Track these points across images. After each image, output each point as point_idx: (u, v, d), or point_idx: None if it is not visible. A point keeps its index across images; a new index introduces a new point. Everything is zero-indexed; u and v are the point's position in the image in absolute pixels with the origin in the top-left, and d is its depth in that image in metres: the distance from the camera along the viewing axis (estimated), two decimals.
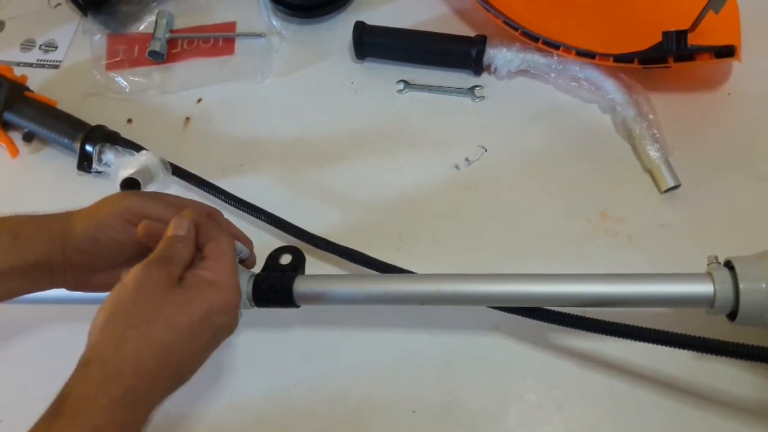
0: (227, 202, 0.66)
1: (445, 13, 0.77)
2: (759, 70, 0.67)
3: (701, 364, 0.55)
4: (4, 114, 0.73)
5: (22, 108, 0.73)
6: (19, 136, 0.75)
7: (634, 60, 0.64)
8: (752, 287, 0.46)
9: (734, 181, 0.63)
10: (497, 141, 0.69)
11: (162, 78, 0.79)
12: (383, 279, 0.56)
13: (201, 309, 0.43)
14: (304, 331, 0.61)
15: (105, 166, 0.69)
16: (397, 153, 0.70)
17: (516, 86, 0.72)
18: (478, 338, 0.59)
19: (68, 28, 0.85)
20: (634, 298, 0.50)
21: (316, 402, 0.58)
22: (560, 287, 0.50)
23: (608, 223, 0.62)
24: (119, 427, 0.39)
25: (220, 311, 0.45)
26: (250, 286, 0.54)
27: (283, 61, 0.78)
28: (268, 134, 0.73)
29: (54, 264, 0.49)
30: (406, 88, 0.73)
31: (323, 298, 0.54)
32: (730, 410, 0.53)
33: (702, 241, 0.59)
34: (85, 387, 0.39)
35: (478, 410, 0.56)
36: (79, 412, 0.38)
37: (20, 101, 0.73)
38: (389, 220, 0.66)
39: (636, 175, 0.65)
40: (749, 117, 0.66)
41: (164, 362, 0.41)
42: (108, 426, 0.38)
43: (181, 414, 0.59)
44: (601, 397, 0.55)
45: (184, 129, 0.75)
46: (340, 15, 0.80)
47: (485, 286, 0.52)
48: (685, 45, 0.60)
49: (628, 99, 0.66)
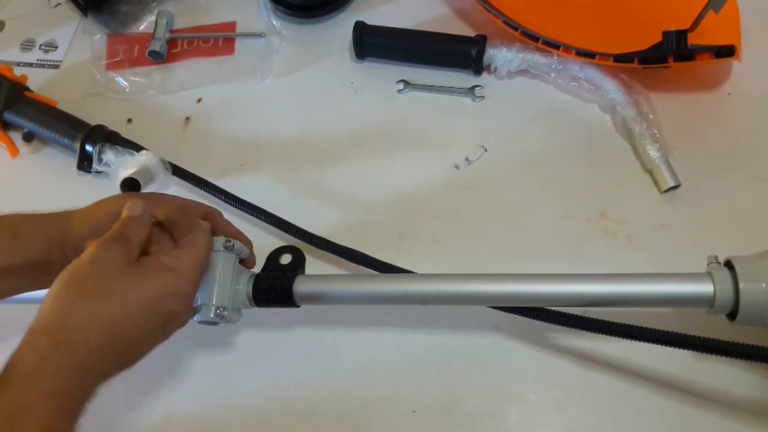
0: (227, 202, 0.66)
1: (445, 13, 0.77)
2: (759, 70, 0.67)
3: (701, 364, 0.55)
4: (4, 114, 0.73)
5: (22, 108, 0.73)
6: (19, 136, 0.75)
7: (634, 60, 0.64)
8: (752, 287, 0.46)
9: (734, 181, 0.63)
10: (497, 141, 0.69)
11: (162, 78, 0.79)
12: (383, 279, 0.56)
13: (153, 290, 0.43)
14: (304, 331, 0.61)
15: (105, 166, 0.69)
16: (397, 153, 0.70)
17: (516, 86, 0.72)
18: (478, 338, 0.59)
19: (68, 28, 0.85)
20: (634, 298, 0.50)
21: (316, 402, 0.58)
22: (560, 287, 0.50)
23: (608, 223, 0.62)
24: (67, 395, 0.39)
25: (173, 297, 0.44)
26: (250, 285, 0.54)
27: (283, 61, 0.78)
28: (268, 134, 0.73)
29: (53, 263, 0.49)
30: (406, 88, 0.74)
31: (323, 298, 0.54)
32: (730, 410, 0.53)
33: (702, 241, 0.59)
34: (33, 356, 0.39)
35: (478, 410, 0.56)
36: (27, 381, 0.38)
37: (20, 101, 0.73)
38: (389, 220, 0.66)
39: (636, 175, 0.65)
40: (749, 117, 0.66)
41: (112, 336, 0.41)
42: (56, 394, 0.39)
43: (182, 414, 0.59)
44: (601, 397, 0.55)
45: (184, 129, 0.75)
46: (340, 15, 0.80)
47: (485, 286, 0.52)
48: (685, 45, 0.60)
49: (628, 99, 0.66)
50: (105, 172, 0.69)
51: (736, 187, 0.62)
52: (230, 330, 0.62)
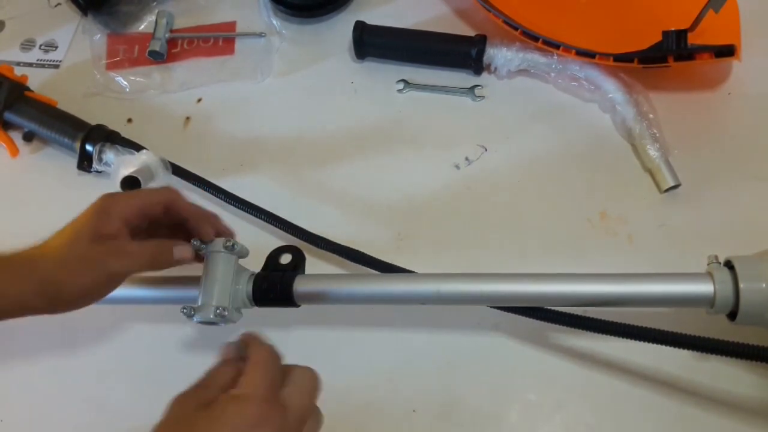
0: (227, 201, 0.66)
1: (445, 13, 0.77)
2: (759, 69, 0.67)
3: (701, 364, 0.55)
4: (4, 113, 0.73)
5: (23, 108, 0.73)
6: (19, 136, 0.74)
7: (634, 59, 0.63)
8: (752, 287, 0.46)
9: (734, 181, 0.63)
10: (497, 141, 0.69)
11: (162, 78, 0.79)
12: (383, 279, 0.56)
13: (224, 428, 0.38)
14: (304, 331, 0.61)
15: (105, 165, 0.69)
16: (397, 153, 0.70)
17: (516, 86, 0.71)
18: (478, 338, 0.59)
19: (68, 28, 0.85)
20: (634, 298, 0.50)
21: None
22: (560, 287, 0.50)
23: (608, 223, 0.62)
24: None
25: (250, 427, 0.38)
26: (250, 285, 0.54)
27: (283, 61, 0.78)
28: (268, 134, 0.73)
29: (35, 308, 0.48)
30: (406, 87, 0.73)
31: (323, 298, 0.54)
32: (730, 410, 0.53)
33: (702, 241, 0.59)
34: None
35: (478, 410, 0.56)
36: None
37: (20, 101, 0.73)
38: (389, 220, 0.66)
39: (636, 175, 0.64)
40: (749, 117, 0.66)
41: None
42: None
43: None
44: (601, 397, 0.55)
45: (184, 129, 0.75)
46: (340, 15, 0.80)
47: (485, 286, 0.52)
48: (685, 44, 0.60)
49: (628, 98, 0.66)
50: (105, 171, 0.69)
51: (736, 187, 0.62)
52: (230, 330, 0.62)
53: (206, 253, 0.54)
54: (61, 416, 0.61)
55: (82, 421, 0.60)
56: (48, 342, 0.64)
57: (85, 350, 0.63)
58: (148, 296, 0.57)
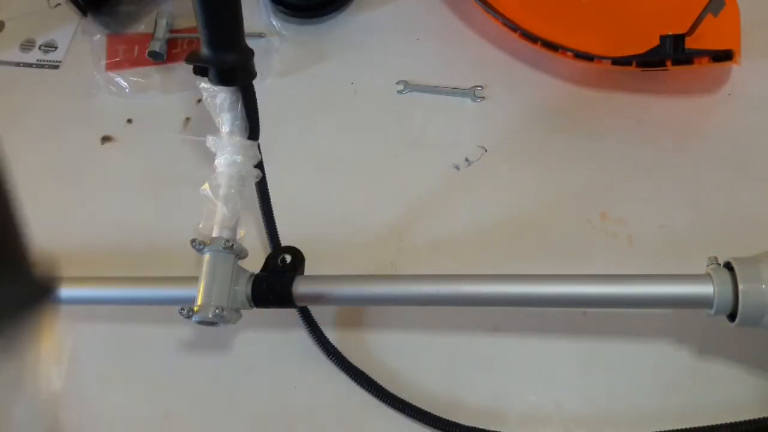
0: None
1: (445, 14, 0.77)
2: (760, 70, 0.67)
3: (702, 365, 0.55)
4: None
5: None
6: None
7: (632, 63, 0.63)
8: (752, 288, 0.46)
9: (734, 181, 0.63)
10: (497, 141, 0.69)
11: (162, 78, 0.78)
12: (383, 280, 0.56)
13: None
14: (304, 331, 0.61)
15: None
16: (397, 153, 0.70)
17: (516, 86, 0.71)
18: (478, 338, 0.59)
19: (68, 28, 0.84)
20: (633, 299, 0.50)
21: (316, 402, 0.58)
22: (560, 288, 0.50)
23: (608, 223, 0.62)
24: None
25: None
26: (249, 286, 0.54)
27: (283, 61, 0.78)
28: (268, 134, 0.73)
29: None
30: (406, 88, 0.73)
31: (323, 299, 0.54)
32: (731, 411, 0.53)
33: (702, 242, 0.59)
34: None
35: (478, 410, 0.56)
36: None
37: None
38: (389, 220, 0.66)
39: (636, 174, 0.65)
40: (750, 117, 0.66)
41: None
42: None
43: (182, 414, 0.59)
44: (601, 397, 0.55)
45: (184, 129, 0.75)
46: (340, 15, 0.80)
47: (485, 286, 0.52)
48: (683, 49, 0.60)
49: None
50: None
51: (736, 187, 0.62)
52: (230, 330, 0.62)
53: (206, 253, 0.54)
54: (60, 416, 0.61)
55: (81, 422, 0.60)
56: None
57: (84, 350, 0.63)
58: (147, 296, 0.57)
